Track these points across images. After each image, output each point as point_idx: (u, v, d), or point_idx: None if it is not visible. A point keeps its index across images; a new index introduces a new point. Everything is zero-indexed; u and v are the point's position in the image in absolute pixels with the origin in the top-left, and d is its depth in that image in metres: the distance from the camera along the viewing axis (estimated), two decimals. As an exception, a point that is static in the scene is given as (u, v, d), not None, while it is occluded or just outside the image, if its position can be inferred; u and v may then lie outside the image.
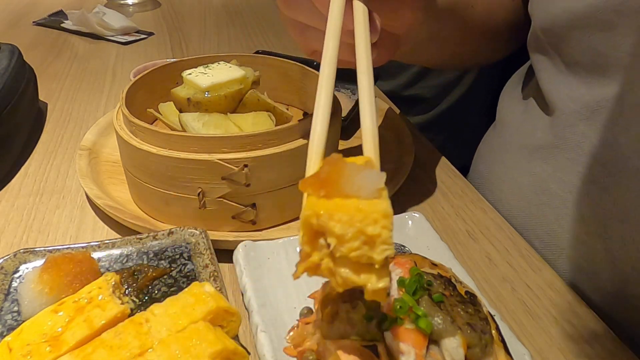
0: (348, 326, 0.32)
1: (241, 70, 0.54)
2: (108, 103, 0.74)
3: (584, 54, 0.45)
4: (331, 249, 0.24)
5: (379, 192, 0.24)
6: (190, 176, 0.43)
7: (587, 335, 0.39)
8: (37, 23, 1.06)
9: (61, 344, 0.31)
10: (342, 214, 0.23)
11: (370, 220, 0.23)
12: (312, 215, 0.24)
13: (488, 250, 0.48)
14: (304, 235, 0.25)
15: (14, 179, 0.56)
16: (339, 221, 0.23)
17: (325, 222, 0.24)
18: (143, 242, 0.42)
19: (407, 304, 0.31)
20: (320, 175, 0.25)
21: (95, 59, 0.90)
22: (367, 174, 0.25)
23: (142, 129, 0.44)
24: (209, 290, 0.34)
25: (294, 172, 0.46)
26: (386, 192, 0.25)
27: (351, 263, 0.24)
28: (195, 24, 1.09)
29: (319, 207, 0.24)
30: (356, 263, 0.24)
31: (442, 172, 0.59)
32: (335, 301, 0.35)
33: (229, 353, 0.31)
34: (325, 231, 0.24)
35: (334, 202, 0.24)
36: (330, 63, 0.32)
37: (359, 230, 0.23)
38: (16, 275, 0.38)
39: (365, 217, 0.23)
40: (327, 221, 0.24)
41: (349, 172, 0.25)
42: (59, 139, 0.65)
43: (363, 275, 0.24)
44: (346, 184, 0.24)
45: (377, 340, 0.30)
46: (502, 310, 0.41)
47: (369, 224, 0.23)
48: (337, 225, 0.23)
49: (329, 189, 0.24)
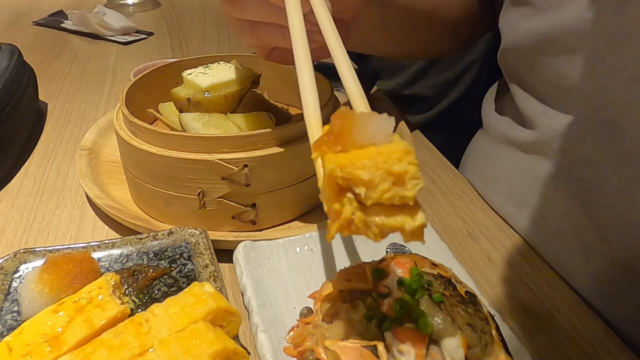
0: (348, 326, 0.32)
1: (241, 70, 0.54)
2: (108, 103, 0.74)
3: (549, 77, 0.45)
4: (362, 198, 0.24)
5: (392, 137, 0.24)
6: (190, 176, 0.43)
7: (587, 335, 0.39)
8: (37, 23, 1.06)
9: (61, 344, 0.31)
10: (366, 160, 0.24)
11: (394, 159, 0.23)
12: (335, 169, 0.24)
13: (488, 250, 0.48)
14: (329, 194, 0.24)
15: (14, 179, 0.56)
16: (365, 167, 0.23)
17: (350, 173, 0.24)
18: (143, 242, 0.42)
19: (407, 304, 0.31)
20: (334, 130, 0.25)
21: (95, 59, 0.90)
22: (378, 120, 0.25)
23: (142, 129, 0.44)
24: (209, 290, 0.34)
25: (294, 172, 0.46)
26: (398, 135, 0.25)
27: (383, 209, 0.24)
28: (195, 24, 1.09)
29: (340, 161, 0.24)
30: (389, 208, 0.24)
31: (442, 172, 0.59)
32: (335, 301, 0.35)
33: (229, 353, 0.31)
34: (351, 183, 0.24)
35: (353, 153, 0.24)
36: (301, 39, 0.33)
37: (386, 171, 0.23)
38: (16, 275, 0.38)
39: (389, 158, 0.23)
40: (353, 170, 0.24)
41: (360, 121, 0.25)
42: (59, 139, 0.65)
43: (398, 217, 0.24)
44: (360, 134, 0.24)
45: (377, 340, 0.30)
46: (502, 310, 0.41)
47: (394, 164, 0.23)
48: (363, 172, 0.23)
49: (344, 142, 0.24)
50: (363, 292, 0.34)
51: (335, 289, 0.35)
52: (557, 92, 0.45)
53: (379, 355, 0.30)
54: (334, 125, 0.25)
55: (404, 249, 0.44)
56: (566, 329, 0.40)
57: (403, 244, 0.45)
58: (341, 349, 0.30)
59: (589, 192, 0.43)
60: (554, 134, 0.46)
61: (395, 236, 0.48)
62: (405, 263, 0.34)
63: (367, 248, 0.44)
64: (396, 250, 0.44)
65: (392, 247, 0.44)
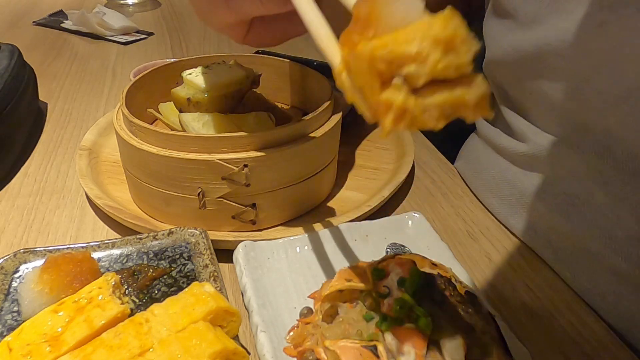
0: (348, 326, 0.32)
1: (241, 70, 0.54)
2: (108, 103, 0.74)
3: (534, 94, 0.45)
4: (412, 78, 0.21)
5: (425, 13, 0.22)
6: (190, 176, 0.43)
7: (587, 336, 0.39)
8: (37, 23, 1.06)
9: (61, 344, 0.31)
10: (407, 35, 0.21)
11: (438, 27, 0.21)
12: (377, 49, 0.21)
13: (488, 250, 0.48)
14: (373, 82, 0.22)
15: (14, 179, 0.56)
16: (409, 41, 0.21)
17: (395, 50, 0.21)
18: (143, 242, 0.42)
19: (407, 304, 0.31)
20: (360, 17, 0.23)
21: (95, 59, 0.90)
22: None
23: (142, 129, 0.44)
24: (209, 290, 0.34)
25: (294, 172, 0.46)
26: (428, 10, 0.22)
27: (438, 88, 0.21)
28: (195, 24, 1.09)
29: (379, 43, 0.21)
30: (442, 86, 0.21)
31: (442, 172, 0.59)
32: (335, 301, 0.35)
33: (229, 353, 0.31)
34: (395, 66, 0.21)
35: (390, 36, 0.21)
36: None
37: (434, 39, 0.21)
38: (16, 275, 0.38)
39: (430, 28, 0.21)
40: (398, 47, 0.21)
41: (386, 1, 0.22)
42: (59, 139, 0.65)
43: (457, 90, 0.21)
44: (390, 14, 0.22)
45: (377, 340, 0.30)
46: (502, 310, 0.41)
47: (439, 32, 0.21)
48: (409, 46, 0.21)
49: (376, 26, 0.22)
50: (363, 292, 0.34)
51: (335, 289, 0.35)
52: (542, 110, 0.45)
53: (379, 355, 0.30)
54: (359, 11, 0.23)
55: (404, 249, 0.44)
56: (566, 329, 0.40)
57: (403, 244, 0.45)
58: (341, 349, 0.30)
59: (575, 206, 0.43)
60: (540, 149, 0.45)
61: (395, 236, 0.48)
62: (405, 263, 0.34)
63: (367, 248, 0.44)
64: (396, 250, 0.44)
65: (392, 247, 0.44)
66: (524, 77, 0.45)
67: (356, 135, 0.64)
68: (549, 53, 0.41)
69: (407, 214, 0.47)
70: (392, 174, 0.55)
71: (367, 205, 0.49)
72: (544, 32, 0.41)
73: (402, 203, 0.53)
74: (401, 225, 0.46)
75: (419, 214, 0.47)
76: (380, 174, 0.56)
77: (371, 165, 0.58)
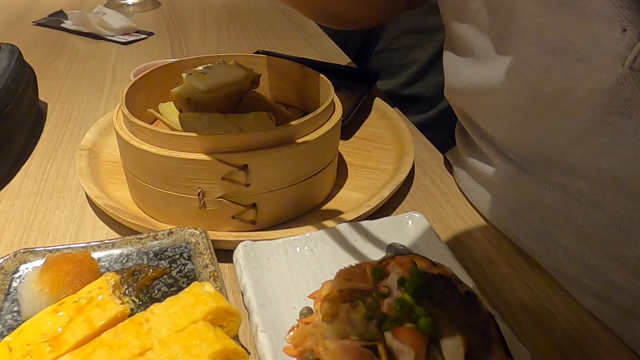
0: (348, 326, 0.32)
1: (241, 70, 0.54)
2: (108, 103, 0.74)
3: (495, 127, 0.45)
4: None
5: None
6: (190, 176, 0.43)
7: (587, 335, 0.39)
8: (37, 23, 1.06)
9: (61, 344, 0.31)
10: None
11: None
12: None
13: (488, 250, 0.48)
14: None
15: (14, 179, 0.56)
16: None
17: None
18: (143, 242, 0.42)
19: (407, 304, 0.31)
20: None
21: (95, 59, 0.90)
22: None
23: (142, 129, 0.44)
24: (209, 290, 0.34)
25: (294, 172, 0.46)
26: None
27: None
28: (195, 24, 1.09)
29: None
30: None
31: (442, 172, 0.59)
32: (335, 301, 0.35)
33: (229, 353, 0.31)
34: None
35: None
36: None
37: None
38: (16, 275, 0.38)
39: None
40: None
41: None
42: (59, 139, 0.65)
43: None
44: None
45: (377, 340, 0.30)
46: (502, 310, 0.41)
47: None
48: None
49: None
50: (363, 292, 0.34)
51: (335, 289, 0.35)
52: (505, 142, 0.44)
53: (379, 355, 0.30)
54: None
55: (404, 249, 0.44)
56: (566, 329, 0.40)
57: (403, 244, 0.45)
58: (341, 349, 0.30)
59: (548, 234, 0.43)
60: (508, 176, 0.45)
61: (395, 236, 0.48)
62: (405, 263, 0.34)
63: (367, 248, 0.44)
64: (396, 250, 0.44)
65: (392, 247, 0.44)
66: (483, 108, 0.45)
67: (356, 136, 0.64)
68: (502, 91, 0.41)
69: (407, 214, 0.47)
70: (392, 174, 0.55)
71: (367, 205, 0.49)
72: (496, 70, 0.41)
73: (402, 203, 0.53)
74: (401, 225, 0.46)
75: (419, 214, 0.47)
76: (380, 174, 0.56)
77: (371, 165, 0.58)
